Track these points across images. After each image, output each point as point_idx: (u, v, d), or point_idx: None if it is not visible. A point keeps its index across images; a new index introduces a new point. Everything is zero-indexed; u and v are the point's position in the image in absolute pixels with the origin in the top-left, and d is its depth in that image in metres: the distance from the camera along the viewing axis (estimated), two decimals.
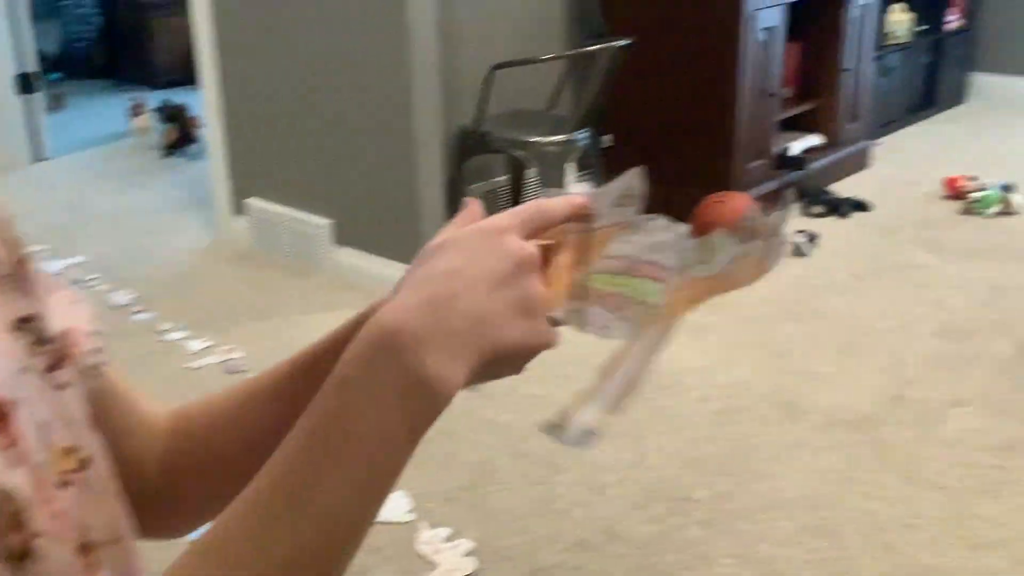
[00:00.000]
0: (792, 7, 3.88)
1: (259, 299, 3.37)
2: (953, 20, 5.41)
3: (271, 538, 0.49)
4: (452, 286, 0.53)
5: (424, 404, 0.51)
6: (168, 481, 0.68)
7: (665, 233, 0.63)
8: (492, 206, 3.00)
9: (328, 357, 0.67)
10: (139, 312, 3.28)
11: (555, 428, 0.58)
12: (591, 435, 0.58)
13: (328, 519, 0.50)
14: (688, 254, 0.62)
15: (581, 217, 0.62)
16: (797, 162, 4.05)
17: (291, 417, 0.66)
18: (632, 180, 0.65)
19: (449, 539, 2.14)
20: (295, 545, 0.49)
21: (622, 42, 3.39)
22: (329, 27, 3.25)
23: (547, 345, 0.57)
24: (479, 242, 0.55)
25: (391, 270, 3.33)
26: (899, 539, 2.12)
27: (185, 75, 6.09)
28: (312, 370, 0.67)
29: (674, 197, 3.86)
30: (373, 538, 2.11)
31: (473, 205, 0.61)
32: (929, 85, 5.38)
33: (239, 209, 3.81)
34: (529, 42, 3.86)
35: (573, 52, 3.66)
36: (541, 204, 0.60)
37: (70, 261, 3.71)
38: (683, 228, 0.63)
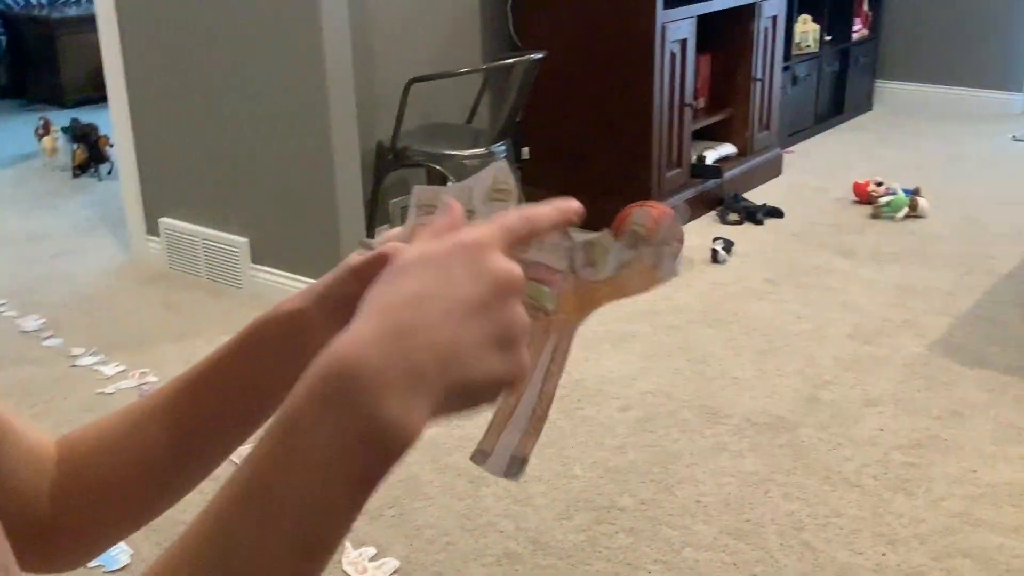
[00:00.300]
0: (702, 20, 3.95)
1: (175, 321, 3.31)
2: (858, 30, 5.58)
3: None
4: (421, 315, 0.47)
5: (381, 453, 0.45)
6: (60, 511, 0.65)
7: (548, 233, 0.61)
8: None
9: (220, 371, 0.66)
10: (50, 337, 3.19)
11: (483, 456, 0.57)
12: (522, 463, 0.56)
13: None
14: (575, 255, 0.61)
15: (568, 224, 0.56)
16: (713, 170, 4.13)
17: (183, 437, 0.65)
18: (500, 173, 0.62)
19: (374, 558, 2.12)
20: None
21: (537, 55, 3.42)
22: (242, 42, 3.21)
23: (521, 378, 0.50)
24: (456, 260, 0.49)
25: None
26: (818, 538, 2.16)
27: (94, 93, 5.97)
28: (204, 386, 0.66)
29: (595, 207, 3.92)
30: None
31: (453, 207, 0.55)
32: (837, 93, 5.53)
33: (153, 229, 3.73)
34: (446, 56, 3.87)
35: (489, 66, 3.68)
36: (528, 213, 0.54)
37: None
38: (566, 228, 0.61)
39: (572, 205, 0.56)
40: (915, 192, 4.10)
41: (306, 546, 0.45)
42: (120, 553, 2.14)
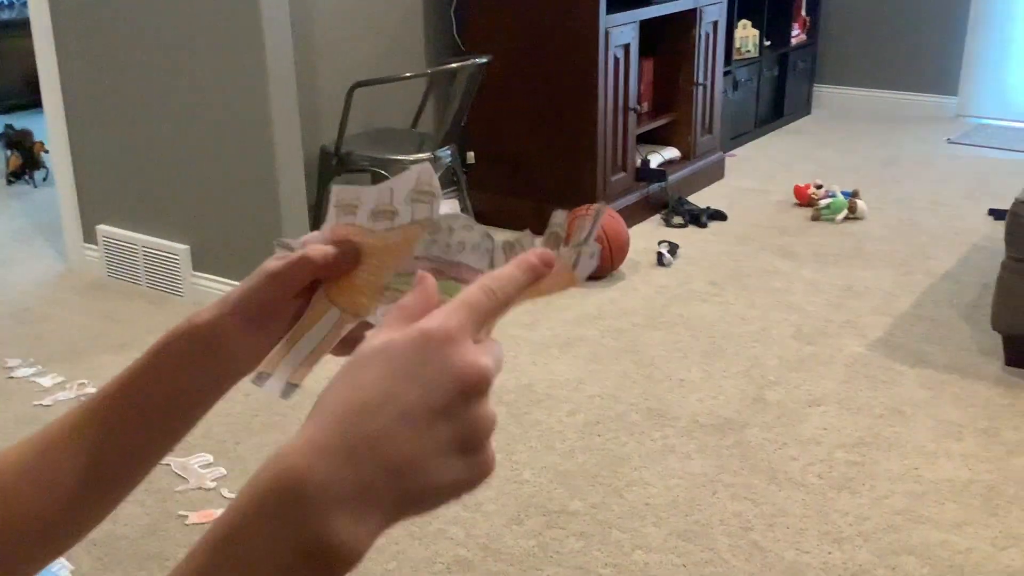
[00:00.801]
0: (644, 25, 3.98)
1: (114, 330, 3.24)
2: (796, 35, 5.67)
3: None
4: (378, 423, 0.43)
5: (325, 572, 0.43)
6: None
7: (468, 233, 0.61)
8: None
9: (132, 391, 0.63)
10: None
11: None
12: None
13: None
14: (496, 255, 0.61)
15: (540, 271, 0.54)
16: (658, 174, 4.16)
17: (90, 464, 0.62)
18: (423, 175, 0.62)
19: None
20: None
21: (481, 60, 3.42)
22: (182, 46, 3.16)
23: (486, 477, 0.47)
24: (421, 357, 0.45)
25: None
26: (765, 538, 2.18)
27: (29, 99, 5.83)
28: (115, 407, 0.63)
29: (540, 211, 3.93)
30: None
31: (426, 284, 0.51)
32: (776, 97, 5.61)
33: (90, 237, 3.65)
34: (389, 61, 3.85)
35: (433, 70, 3.66)
36: (495, 284, 0.50)
37: None
38: (483, 228, 0.61)
39: (535, 260, 0.52)
40: (854, 194, 4.17)
41: None
42: (60, 568, 2.08)
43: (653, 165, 4.24)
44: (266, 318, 0.64)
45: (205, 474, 2.41)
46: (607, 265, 3.54)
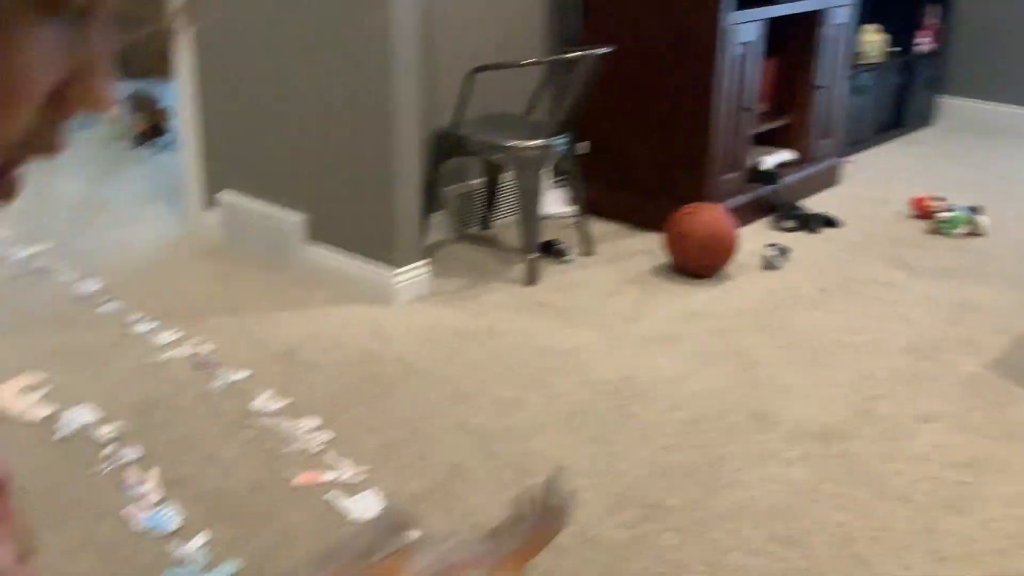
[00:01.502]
0: (769, 23, 3.92)
1: (229, 293, 3.34)
2: (924, 43, 5.50)
3: None
4: None
5: None
6: None
7: (446, 542, 0.70)
8: (467, 209, 3.01)
9: None
10: (106, 302, 3.23)
11: None
12: None
13: None
14: (482, 545, 0.70)
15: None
16: (770, 176, 4.09)
17: None
18: (390, 516, 0.70)
19: None
20: None
21: (601, 50, 3.41)
22: (312, 22, 3.23)
23: None
24: None
25: (363, 268, 3.31)
26: (867, 550, 2.14)
27: (157, 65, 6.02)
28: None
29: (649, 207, 3.91)
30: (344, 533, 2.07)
31: None
32: (899, 105, 5.46)
33: (211, 202, 3.76)
34: (510, 47, 3.87)
35: (553, 58, 3.67)
36: None
37: (36, 249, 3.64)
38: (457, 536, 0.70)
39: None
40: (975, 210, 4.04)
41: None
42: (171, 518, 2.16)
43: (767, 167, 4.17)
44: None
45: (312, 438, 2.47)
46: (714, 264, 3.50)
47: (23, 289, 3.34)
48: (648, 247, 3.75)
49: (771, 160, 4.23)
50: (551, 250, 3.67)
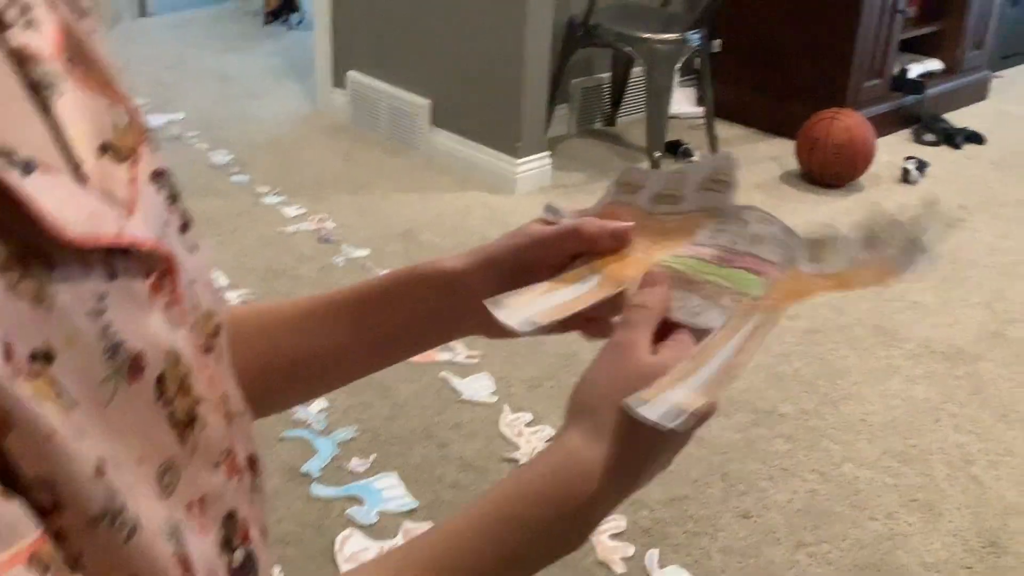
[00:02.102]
0: None
1: (353, 172, 3.38)
2: None
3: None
4: (645, 460, 0.55)
5: (567, 548, 0.55)
6: None
7: (765, 226, 0.59)
8: (593, 102, 2.96)
9: (370, 303, 0.66)
10: (237, 173, 3.31)
11: (640, 402, 0.51)
12: (680, 413, 0.50)
13: None
14: (796, 252, 0.58)
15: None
16: (915, 86, 3.89)
17: (316, 352, 0.67)
18: (722, 162, 0.60)
19: (530, 424, 2.16)
20: None
21: None
22: None
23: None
24: (662, 448, 0.56)
25: (486, 156, 3.30)
26: (986, 474, 2.07)
27: None
28: (350, 313, 0.66)
29: (782, 110, 3.77)
30: (457, 414, 2.12)
31: (658, 290, 0.59)
32: None
33: (339, 82, 3.79)
34: None
35: None
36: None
37: (171, 117, 3.74)
38: (783, 223, 0.59)
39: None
40: None
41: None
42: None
43: (911, 75, 3.96)
44: (519, 279, 0.62)
45: None
46: (847, 174, 3.37)
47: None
48: (778, 153, 3.63)
49: (917, 68, 4.01)
50: (676, 150, 3.59)
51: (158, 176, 0.46)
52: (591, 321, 0.64)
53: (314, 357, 0.67)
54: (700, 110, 3.77)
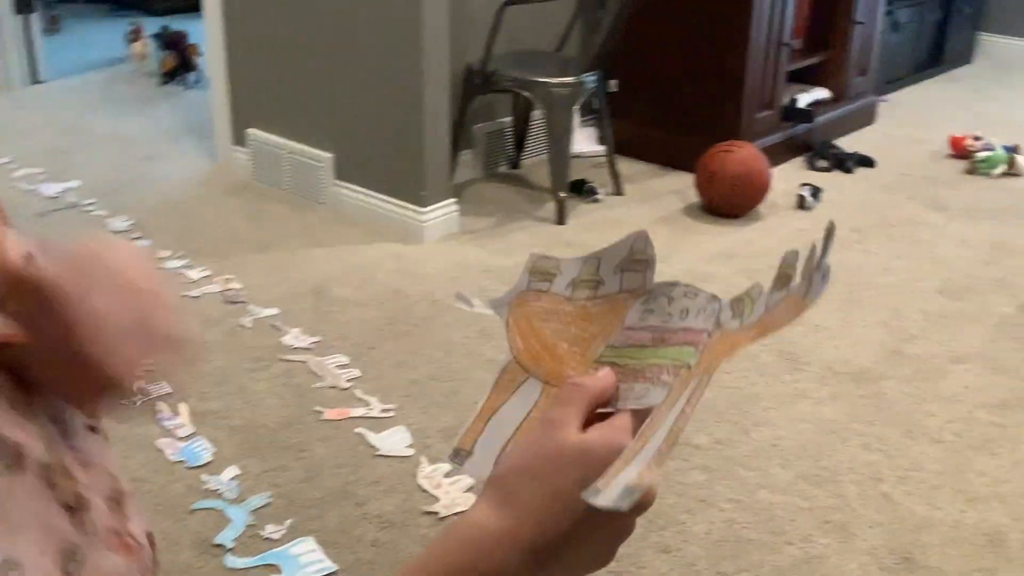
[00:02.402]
0: None
1: (258, 230, 3.34)
2: None
3: None
4: (564, 532, 0.54)
5: None
6: None
7: (691, 300, 0.60)
8: (496, 146, 2.99)
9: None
10: (137, 238, 3.25)
11: (595, 492, 0.52)
12: (632, 492, 0.52)
13: None
14: (721, 314, 0.59)
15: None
16: (805, 114, 4.02)
17: None
18: (639, 242, 0.61)
19: (448, 475, 2.15)
20: None
21: None
22: None
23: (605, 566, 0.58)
24: (606, 534, 0.56)
25: (392, 207, 3.30)
26: (896, 490, 2.13)
27: (182, 2, 5.99)
28: None
29: (681, 144, 3.86)
30: (374, 470, 2.11)
31: (603, 380, 0.59)
32: (937, 43, 5.33)
33: (239, 140, 3.76)
34: None
35: None
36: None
37: (67, 185, 3.66)
38: (707, 292, 0.59)
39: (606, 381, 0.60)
40: (1014, 149, 3.96)
41: None
42: (203, 450, 2.19)
43: (801, 105, 4.10)
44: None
45: (341, 375, 2.49)
46: (745, 204, 3.46)
47: (54, 225, 3.36)
48: (678, 187, 3.71)
49: (806, 98, 4.15)
50: (581, 189, 3.64)
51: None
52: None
53: None
54: (602, 148, 3.84)
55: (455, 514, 2.03)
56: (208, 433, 2.26)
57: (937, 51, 5.34)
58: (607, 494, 0.51)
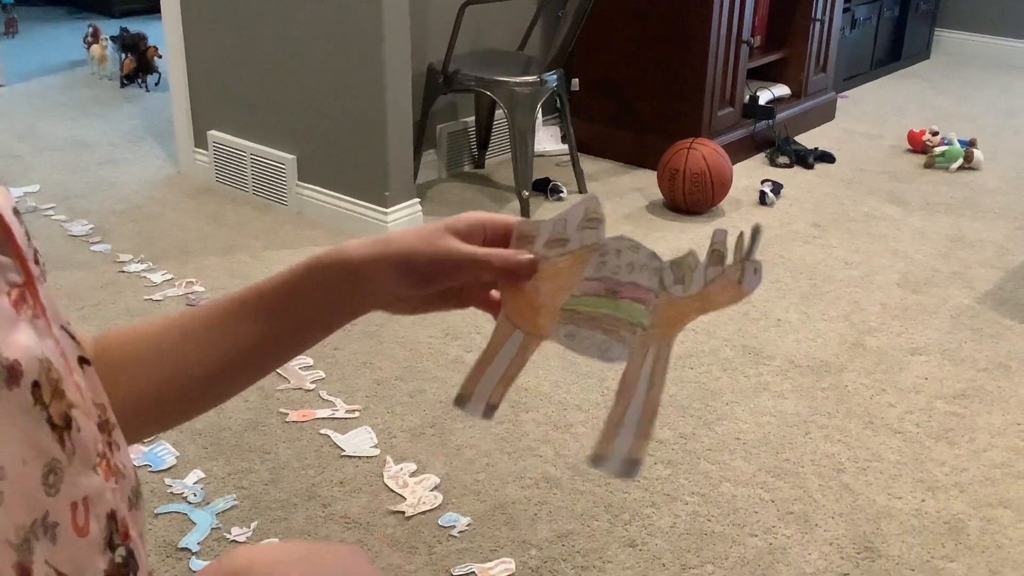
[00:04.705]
0: None
1: (221, 233, 3.32)
2: None
3: None
4: None
5: None
6: None
7: (635, 254, 0.66)
8: (459, 146, 3.00)
9: (276, 298, 0.67)
10: (98, 243, 3.22)
11: (600, 460, 0.63)
12: (635, 464, 0.62)
13: None
14: (665, 274, 0.65)
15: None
16: (766, 111, 4.06)
17: (224, 358, 0.67)
18: (591, 203, 0.68)
19: (414, 474, 2.15)
20: None
21: None
22: None
23: None
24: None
25: (355, 207, 3.29)
26: (857, 481, 2.16)
27: (141, 4, 5.94)
28: (252, 313, 0.67)
29: (642, 142, 3.88)
30: (340, 471, 2.10)
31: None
32: (895, 39, 5.40)
33: (201, 142, 3.73)
34: None
35: None
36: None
37: (26, 189, 3.62)
38: (649, 249, 0.66)
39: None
40: (971, 143, 4.02)
41: None
42: (166, 454, 2.18)
43: (761, 102, 4.14)
44: (423, 280, 0.67)
45: (305, 376, 2.48)
46: (707, 200, 3.49)
47: None
48: (641, 184, 3.73)
49: (766, 95, 4.19)
50: (544, 188, 3.65)
51: (17, 213, 0.51)
52: (464, 291, 0.72)
53: (228, 360, 0.68)
54: (565, 147, 3.85)
55: (421, 513, 2.03)
56: (171, 437, 2.25)
57: (895, 47, 5.41)
58: (611, 464, 0.62)
